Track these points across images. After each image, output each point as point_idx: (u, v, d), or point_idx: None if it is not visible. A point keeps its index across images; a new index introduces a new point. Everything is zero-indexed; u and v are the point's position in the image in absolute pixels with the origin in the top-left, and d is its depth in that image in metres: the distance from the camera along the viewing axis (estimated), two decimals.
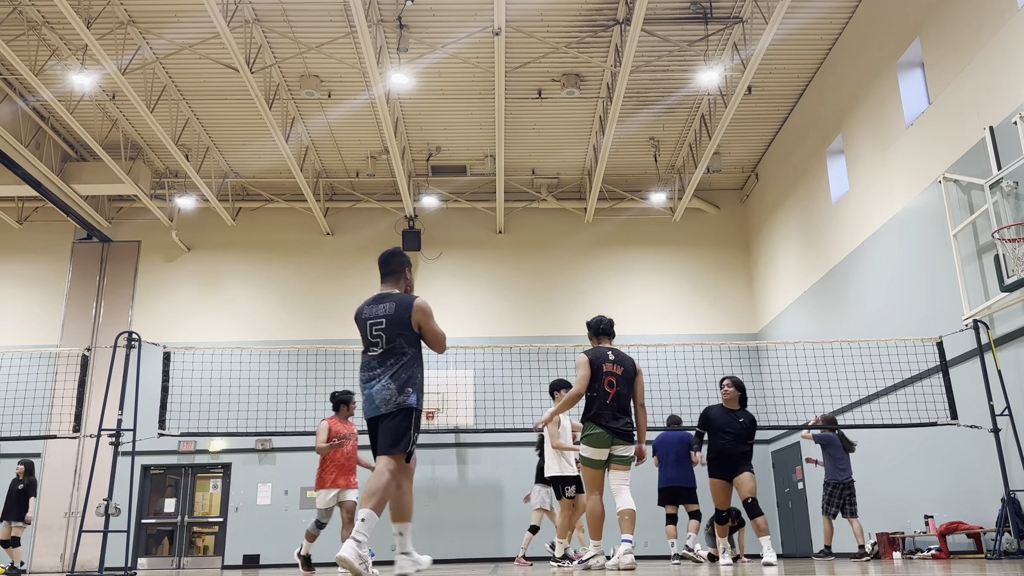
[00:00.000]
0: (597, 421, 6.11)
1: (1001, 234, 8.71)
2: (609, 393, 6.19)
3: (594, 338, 6.55)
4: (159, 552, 16.23)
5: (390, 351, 4.68)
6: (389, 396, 4.57)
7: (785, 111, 15.33)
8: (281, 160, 15.67)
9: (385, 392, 4.58)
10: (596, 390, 6.19)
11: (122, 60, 12.33)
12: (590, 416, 6.17)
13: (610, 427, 6.12)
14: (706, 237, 17.89)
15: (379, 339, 4.73)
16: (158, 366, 11.06)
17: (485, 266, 17.63)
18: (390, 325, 4.72)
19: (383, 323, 4.74)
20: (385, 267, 4.99)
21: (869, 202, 12.42)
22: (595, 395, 6.18)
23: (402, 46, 12.37)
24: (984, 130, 9.39)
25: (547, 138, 15.89)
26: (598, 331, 6.51)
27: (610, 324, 6.56)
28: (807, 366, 13.27)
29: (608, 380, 6.19)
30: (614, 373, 6.25)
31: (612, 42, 12.80)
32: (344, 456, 8.53)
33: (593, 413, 6.14)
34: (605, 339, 6.52)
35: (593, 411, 6.15)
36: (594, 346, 6.48)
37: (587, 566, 6.12)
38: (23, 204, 17.49)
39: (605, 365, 6.24)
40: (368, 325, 4.78)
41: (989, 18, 9.39)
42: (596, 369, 6.23)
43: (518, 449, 15.20)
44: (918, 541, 11.03)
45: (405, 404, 4.56)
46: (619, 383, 6.25)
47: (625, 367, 6.30)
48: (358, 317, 4.87)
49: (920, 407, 11.03)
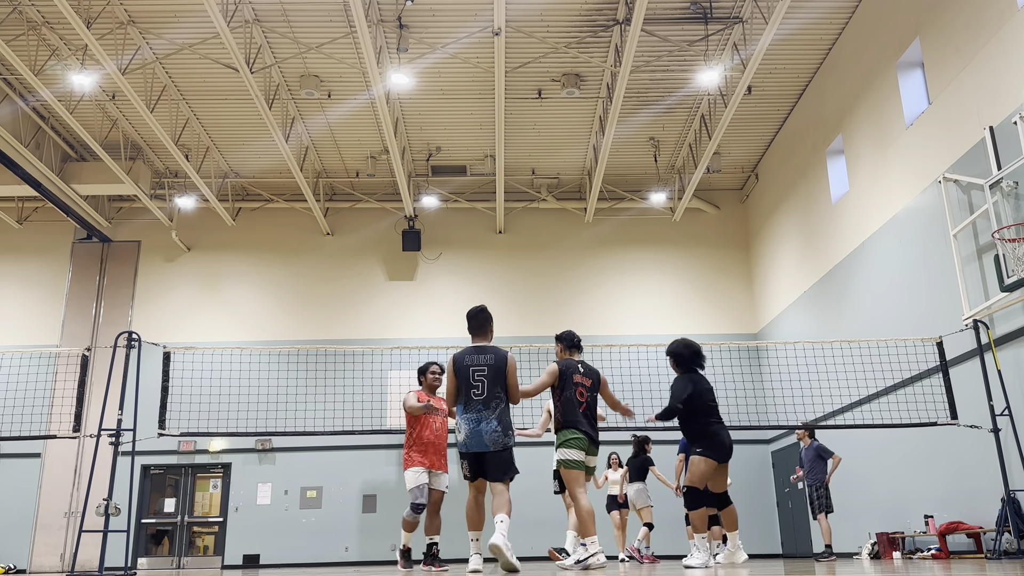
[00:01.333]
0: (577, 426, 6.29)
1: (1001, 234, 8.71)
2: (582, 403, 6.38)
3: (565, 351, 6.67)
4: (159, 552, 16.23)
5: (492, 396, 6.00)
6: (497, 438, 5.99)
7: (785, 111, 15.33)
8: (281, 160, 15.67)
9: (495, 434, 5.97)
10: (570, 398, 6.35)
11: (122, 60, 12.33)
12: (569, 422, 6.33)
13: (588, 433, 6.33)
14: (706, 237, 17.89)
15: (480, 384, 6.01)
16: (158, 366, 11.05)
17: (485, 266, 17.63)
18: (492, 374, 6.01)
19: (485, 371, 6.02)
20: (474, 321, 6.23)
21: (869, 202, 12.42)
22: (569, 403, 6.33)
23: (402, 46, 12.37)
24: (984, 130, 9.39)
25: (547, 138, 15.89)
26: (571, 344, 6.65)
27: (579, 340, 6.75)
28: (807, 366, 13.26)
29: (579, 391, 6.38)
30: (584, 384, 6.45)
31: (612, 42, 12.80)
32: (434, 433, 7.77)
33: (571, 419, 6.31)
34: (576, 352, 6.67)
35: (570, 417, 6.31)
36: (563, 358, 6.61)
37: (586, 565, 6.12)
38: (23, 204, 17.49)
39: (576, 376, 6.43)
40: (471, 372, 6.02)
41: (989, 18, 9.39)
42: (567, 379, 6.41)
43: (519, 449, 15.16)
44: (918, 541, 11.03)
45: (510, 444, 6.08)
46: (588, 393, 6.46)
47: (592, 379, 6.51)
48: (459, 364, 6.08)
49: (920, 407, 11.03)
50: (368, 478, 16.14)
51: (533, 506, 14.17)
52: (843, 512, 13.32)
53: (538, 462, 14.81)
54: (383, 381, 15.86)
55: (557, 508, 11.44)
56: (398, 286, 17.51)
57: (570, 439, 6.30)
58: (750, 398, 16.16)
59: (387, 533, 15.68)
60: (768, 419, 15.85)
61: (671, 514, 13.33)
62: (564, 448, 6.30)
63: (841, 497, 13.39)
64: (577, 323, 17.09)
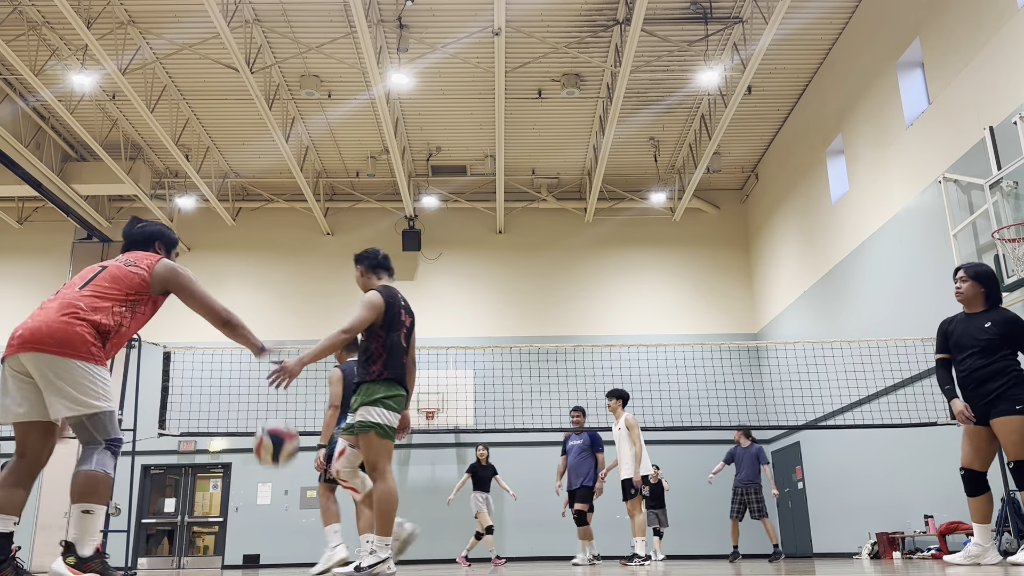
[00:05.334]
0: (400, 380, 4.84)
1: (1001, 234, 8.71)
2: (406, 348, 4.93)
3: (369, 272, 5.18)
4: (159, 552, 16.23)
5: None
6: None
7: (785, 111, 15.33)
8: (281, 160, 15.66)
9: None
10: (396, 343, 4.85)
11: (122, 60, 12.33)
12: (393, 374, 4.79)
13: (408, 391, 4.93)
14: (706, 237, 17.89)
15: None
16: (158, 366, 11.05)
17: (485, 266, 17.63)
18: None
19: None
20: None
21: (869, 202, 12.42)
22: (396, 348, 4.85)
23: (402, 46, 12.37)
24: (984, 130, 9.39)
25: (547, 138, 15.89)
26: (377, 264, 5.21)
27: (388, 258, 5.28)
28: (807, 366, 13.26)
29: (404, 332, 4.94)
30: (406, 325, 5.00)
31: (612, 42, 12.80)
32: None
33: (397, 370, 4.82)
34: (386, 276, 5.22)
35: (396, 368, 4.81)
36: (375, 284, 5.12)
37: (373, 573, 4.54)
38: (23, 204, 17.49)
39: (402, 313, 4.97)
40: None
41: (989, 18, 9.39)
42: (394, 315, 4.90)
43: (518, 449, 15.20)
44: (918, 541, 11.03)
45: None
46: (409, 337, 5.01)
47: (412, 319, 5.10)
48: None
49: (920, 407, 11.03)
50: None
51: (532, 508, 14.18)
52: (843, 512, 13.33)
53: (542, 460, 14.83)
54: None
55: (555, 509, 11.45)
56: (398, 286, 17.34)
57: (394, 396, 4.76)
58: (750, 398, 16.17)
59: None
60: (768, 419, 15.85)
61: (672, 515, 13.34)
62: (380, 408, 4.69)
63: (841, 497, 13.41)
64: (577, 323, 17.13)
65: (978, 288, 5.78)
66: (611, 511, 13.64)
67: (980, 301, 5.78)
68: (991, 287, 5.79)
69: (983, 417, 5.62)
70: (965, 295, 5.82)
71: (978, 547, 5.76)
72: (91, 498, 3.48)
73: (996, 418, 5.51)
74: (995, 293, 5.82)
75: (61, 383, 3.55)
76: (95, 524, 3.50)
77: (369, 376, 4.78)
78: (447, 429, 14.71)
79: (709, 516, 14.92)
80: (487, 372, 15.76)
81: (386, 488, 4.62)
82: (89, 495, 3.47)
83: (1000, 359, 5.56)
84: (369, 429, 4.65)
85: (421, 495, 15.52)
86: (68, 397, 3.55)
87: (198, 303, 3.94)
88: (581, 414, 10.65)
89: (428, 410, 15.48)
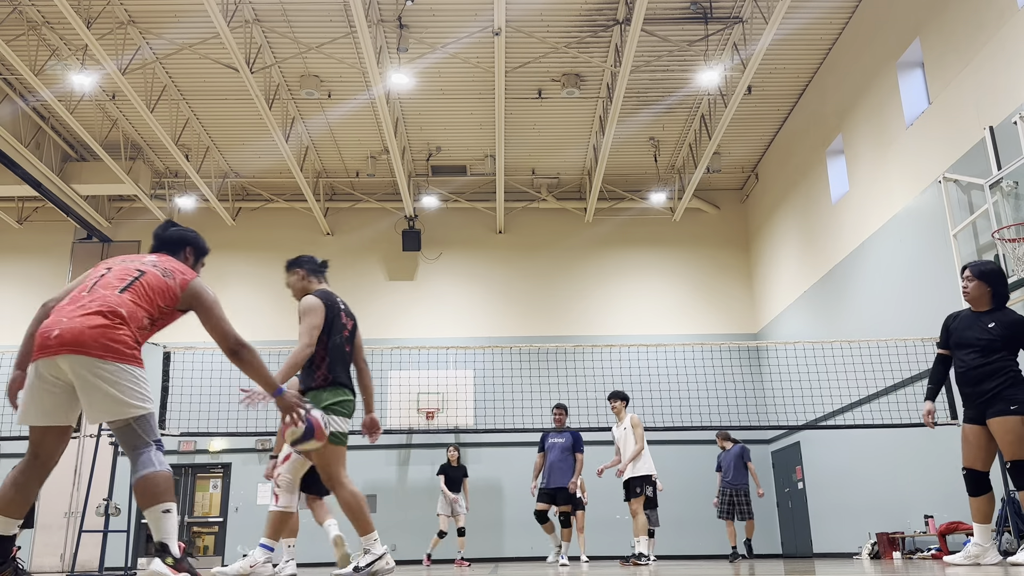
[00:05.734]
0: (346, 383, 4.88)
1: (1001, 234, 8.71)
2: (350, 351, 4.98)
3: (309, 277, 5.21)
4: None
5: None
6: None
7: (785, 111, 15.33)
8: (281, 160, 15.66)
9: None
10: (339, 345, 4.91)
11: (122, 60, 12.33)
12: (338, 379, 4.83)
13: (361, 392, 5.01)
14: (706, 237, 17.89)
15: None
16: (158, 366, 11.05)
17: (485, 266, 17.63)
18: None
19: None
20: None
21: (869, 202, 12.42)
22: (339, 351, 4.89)
23: (402, 46, 12.37)
24: (984, 130, 9.39)
25: (547, 138, 15.89)
26: (315, 269, 5.25)
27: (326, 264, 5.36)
28: (807, 366, 13.27)
29: (345, 334, 4.96)
30: (347, 327, 5.01)
31: (612, 42, 12.80)
32: None
33: (342, 375, 4.87)
34: (323, 280, 5.24)
35: (340, 372, 4.86)
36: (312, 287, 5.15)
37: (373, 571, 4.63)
38: (23, 204, 17.49)
39: (342, 315, 4.98)
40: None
41: (989, 18, 9.39)
42: (334, 317, 4.92)
43: (519, 449, 15.20)
44: (918, 541, 11.03)
45: None
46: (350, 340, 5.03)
47: (353, 321, 5.10)
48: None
49: (920, 407, 11.00)
50: (368, 478, 16.13)
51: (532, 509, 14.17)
52: (843, 512, 13.33)
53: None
54: (383, 381, 15.84)
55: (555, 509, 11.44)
56: (398, 286, 17.51)
57: (341, 401, 4.80)
58: (750, 398, 16.17)
59: (387, 533, 15.66)
60: (768, 419, 15.85)
61: (672, 516, 13.34)
62: (329, 416, 4.69)
63: (841, 497, 13.41)
64: (577, 323, 17.13)
65: (984, 287, 5.77)
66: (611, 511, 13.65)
67: (987, 300, 5.77)
68: (998, 286, 5.77)
69: (980, 417, 5.62)
70: (971, 295, 5.82)
71: (978, 547, 5.75)
72: (167, 496, 3.49)
73: (992, 418, 5.51)
74: (1002, 292, 5.79)
75: (107, 387, 3.50)
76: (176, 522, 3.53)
77: (315, 382, 4.81)
78: (447, 429, 14.71)
79: (709, 516, 14.89)
80: (487, 372, 15.77)
81: (347, 493, 4.65)
82: (164, 494, 3.48)
83: (999, 359, 5.56)
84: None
85: (421, 495, 15.52)
86: (116, 401, 3.51)
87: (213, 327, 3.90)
88: (564, 412, 10.60)
89: (428, 410, 15.49)
